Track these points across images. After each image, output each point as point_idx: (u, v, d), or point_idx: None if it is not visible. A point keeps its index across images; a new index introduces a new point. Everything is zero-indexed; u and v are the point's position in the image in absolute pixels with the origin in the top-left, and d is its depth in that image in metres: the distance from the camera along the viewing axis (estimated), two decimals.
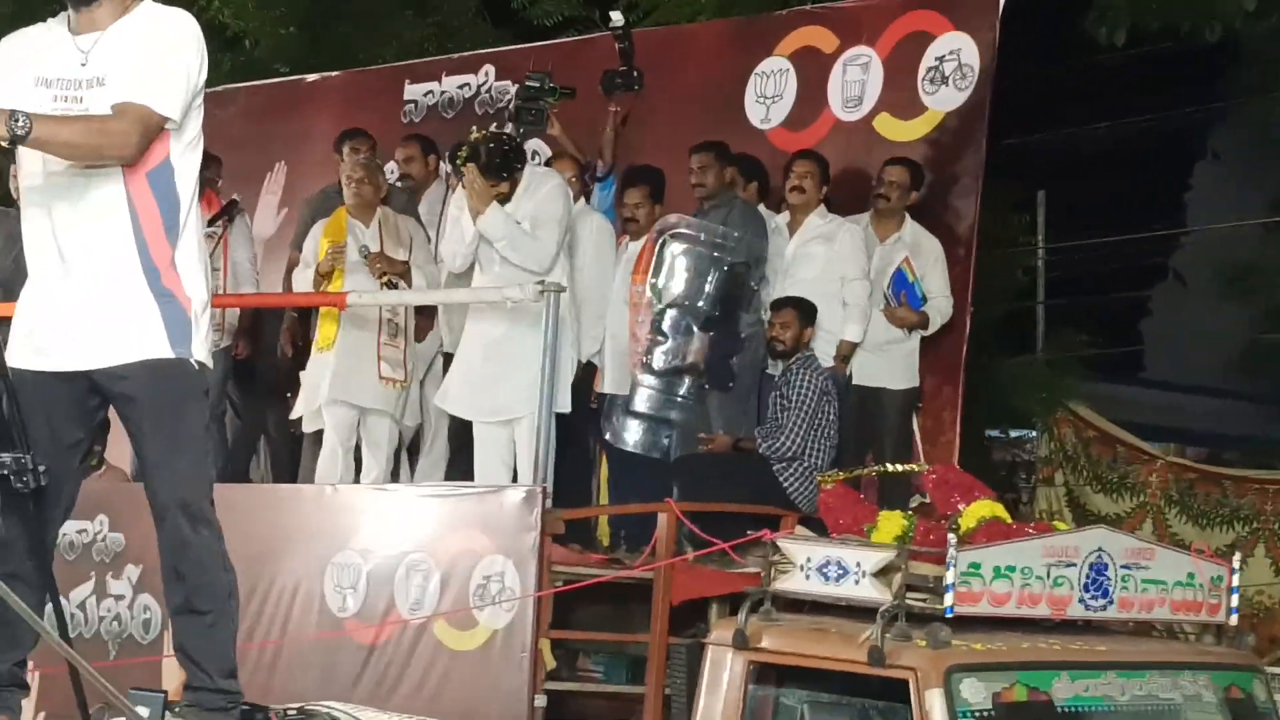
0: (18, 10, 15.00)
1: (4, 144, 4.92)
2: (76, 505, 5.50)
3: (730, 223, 9.85)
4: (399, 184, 11.19)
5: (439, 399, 9.78)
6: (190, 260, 5.28)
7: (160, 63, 5.15)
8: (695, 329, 9.80)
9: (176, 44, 5.22)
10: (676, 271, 9.82)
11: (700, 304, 9.80)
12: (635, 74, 10.36)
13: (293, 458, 10.97)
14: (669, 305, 9.81)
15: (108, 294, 5.19)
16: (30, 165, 5.25)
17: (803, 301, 9.67)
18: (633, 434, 9.91)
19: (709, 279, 9.81)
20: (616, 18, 10.47)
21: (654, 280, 9.82)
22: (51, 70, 5.24)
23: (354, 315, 9.97)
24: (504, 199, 9.32)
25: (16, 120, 4.86)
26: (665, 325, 9.81)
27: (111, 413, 5.44)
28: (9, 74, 5.28)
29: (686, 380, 9.84)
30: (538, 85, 9.77)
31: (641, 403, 9.86)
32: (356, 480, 10.03)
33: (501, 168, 9.32)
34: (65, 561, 9.14)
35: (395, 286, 10.22)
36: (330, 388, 10.04)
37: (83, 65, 5.21)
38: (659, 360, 9.83)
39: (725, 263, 9.81)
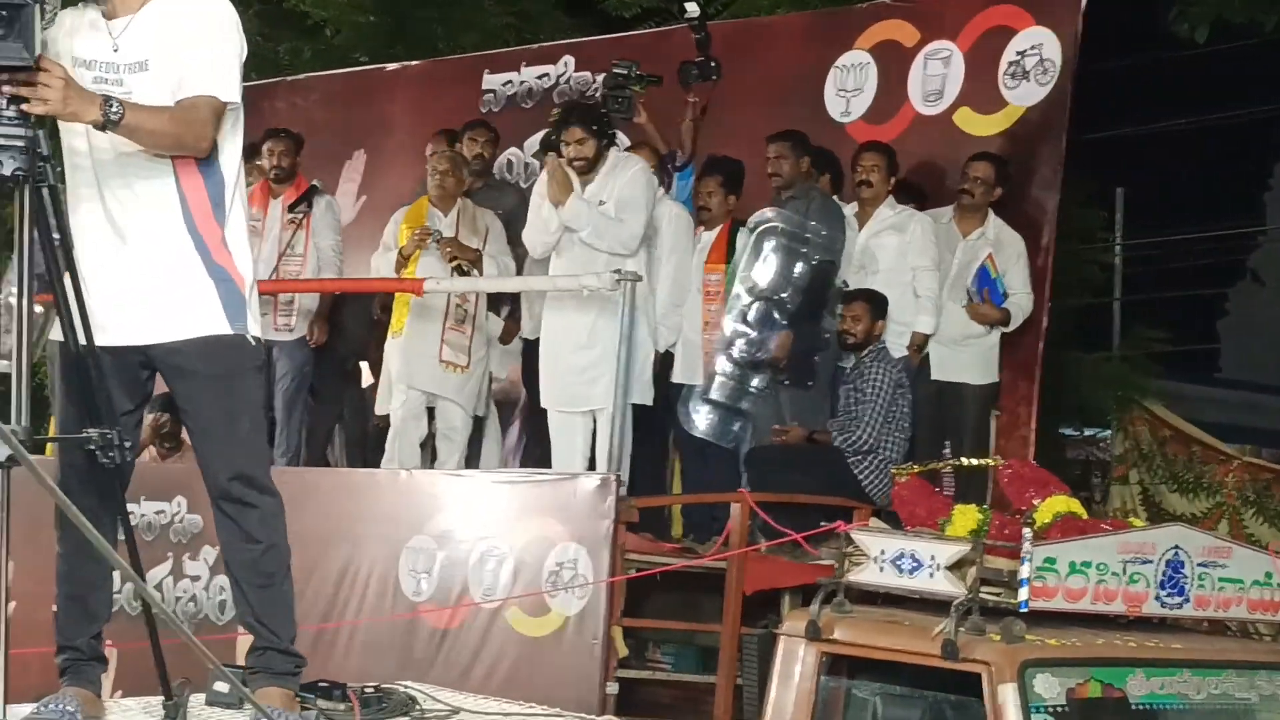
0: None
1: (98, 128, 4.96)
2: (156, 487, 5.56)
3: (811, 215, 9.84)
4: (474, 168, 11.21)
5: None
6: (239, 239, 5.36)
7: (212, 48, 5.21)
8: (781, 324, 9.81)
9: (221, 26, 5.26)
10: (767, 265, 9.85)
11: (787, 300, 9.82)
12: (712, 64, 10.35)
13: (365, 442, 11.06)
14: (757, 298, 9.83)
15: (162, 272, 5.25)
16: (77, 144, 5.26)
17: (874, 294, 9.66)
18: (704, 420, 9.93)
19: (798, 275, 9.85)
20: (692, 9, 10.46)
21: (744, 273, 9.84)
22: (87, 52, 5.26)
23: (422, 301, 10.04)
24: (586, 178, 9.36)
25: (111, 105, 4.91)
26: (751, 317, 9.84)
27: None
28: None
29: (765, 373, 9.84)
30: (625, 73, 9.78)
31: (716, 391, 9.88)
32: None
33: (600, 130, 9.42)
34: (143, 541, 9.18)
35: (466, 273, 10.28)
36: (397, 372, 10.18)
37: (114, 50, 5.24)
38: (739, 350, 9.85)
39: (813, 259, 9.83)
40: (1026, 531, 6.75)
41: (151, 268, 5.26)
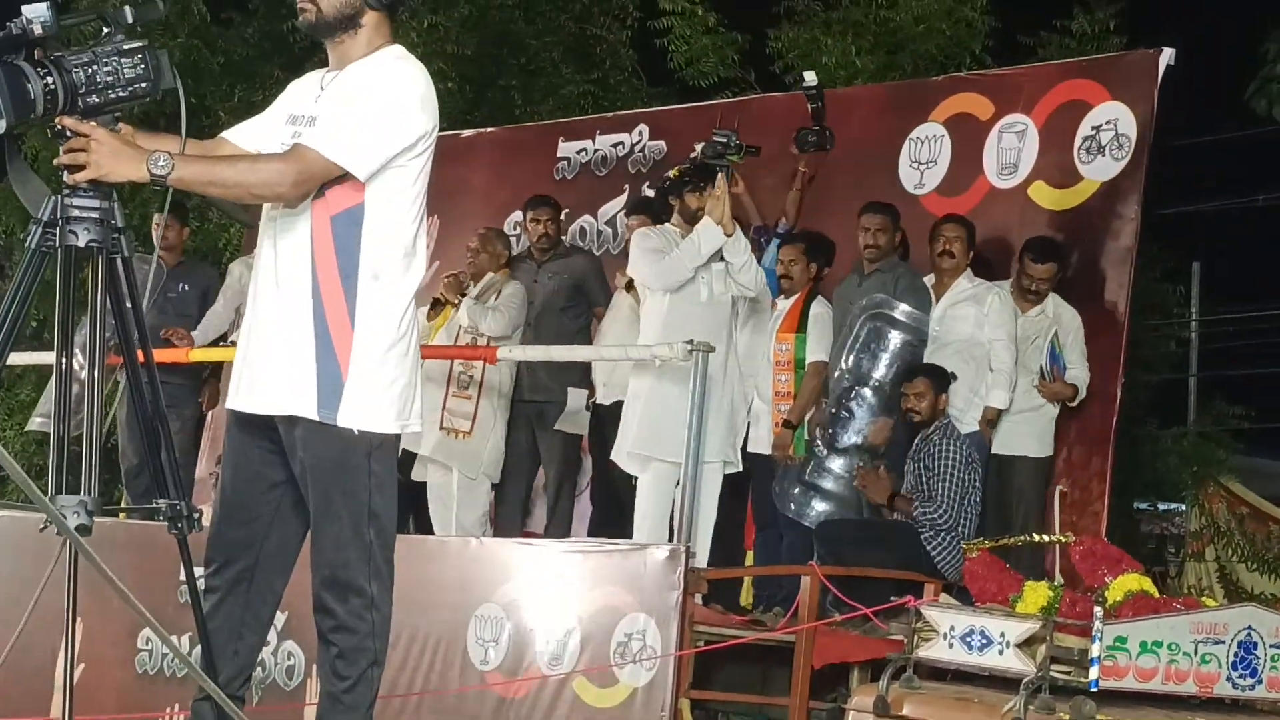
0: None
1: (149, 184, 4.94)
2: None
3: (900, 293, 9.85)
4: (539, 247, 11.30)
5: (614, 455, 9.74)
6: (373, 317, 5.19)
7: (356, 111, 5.12)
8: (878, 409, 9.82)
9: (384, 95, 5.16)
10: (873, 351, 9.86)
11: (884, 383, 9.82)
12: (828, 133, 10.35)
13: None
14: (855, 382, 9.83)
15: (279, 339, 5.20)
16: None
17: (934, 369, 9.62)
18: (815, 510, 9.89)
19: (891, 357, 9.87)
20: (810, 78, 10.46)
21: (844, 355, 9.85)
22: (297, 106, 5.31)
23: (428, 369, 10.11)
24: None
25: (157, 161, 4.86)
26: (850, 402, 9.84)
27: None
28: (279, 110, 5.40)
29: (864, 458, 9.83)
30: (725, 141, 9.81)
31: (827, 480, 9.87)
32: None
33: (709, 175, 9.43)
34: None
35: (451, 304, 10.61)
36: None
37: (315, 100, 5.26)
38: (843, 439, 9.85)
39: (904, 340, 9.85)
40: (1098, 610, 6.72)
41: (272, 332, 5.24)
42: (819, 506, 9.91)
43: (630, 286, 10.31)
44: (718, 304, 9.39)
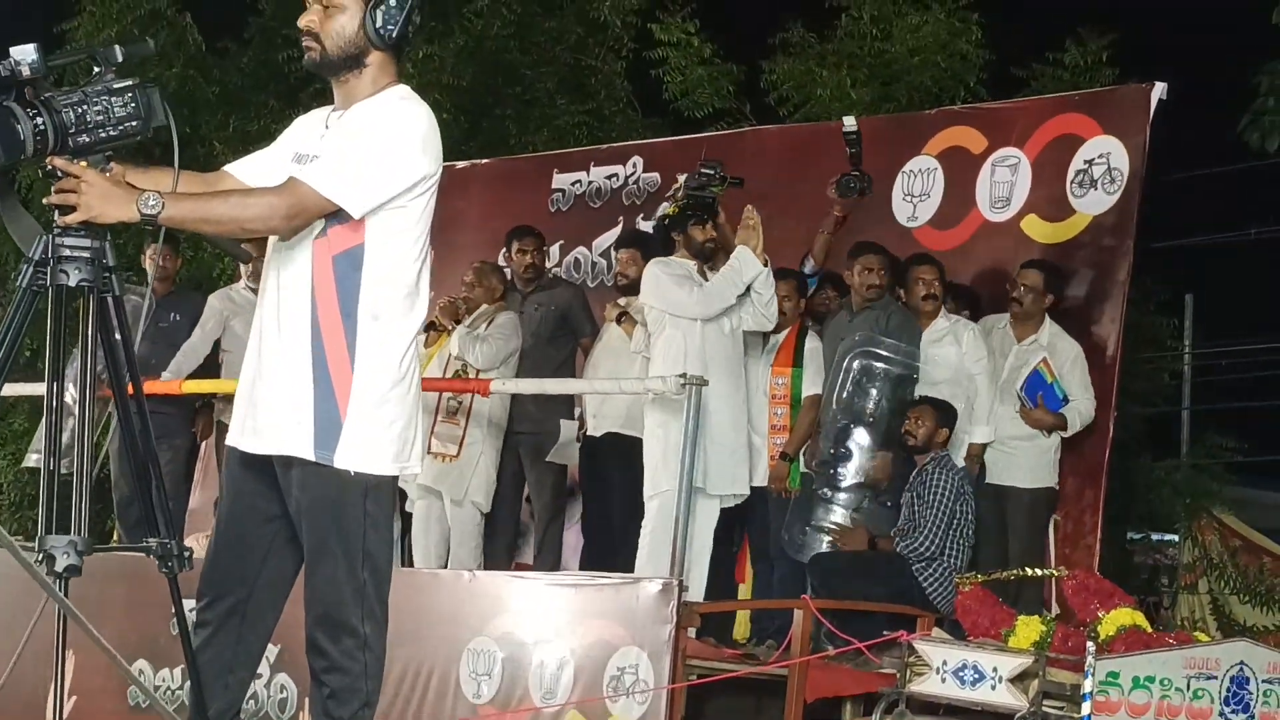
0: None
1: (140, 224, 4.90)
2: None
3: (891, 329, 9.83)
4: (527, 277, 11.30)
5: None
6: (373, 358, 5.15)
7: (355, 148, 5.09)
8: (876, 444, 9.81)
9: (385, 134, 5.12)
10: (858, 387, 9.85)
11: (880, 420, 9.81)
12: (867, 179, 10.32)
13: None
14: (850, 420, 9.83)
15: (279, 378, 5.17)
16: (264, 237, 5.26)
17: (941, 403, 9.63)
18: (820, 547, 9.87)
19: (885, 393, 9.85)
20: (850, 123, 10.37)
21: (841, 393, 9.85)
22: (302, 144, 5.28)
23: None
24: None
25: (147, 201, 4.82)
26: (848, 440, 9.84)
27: None
28: (285, 147, 5.38)
29: (865, 494, 9.83)
30: (711, 173, 9.79)
31: (833, 519, 9.84)
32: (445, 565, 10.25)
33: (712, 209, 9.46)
34: None
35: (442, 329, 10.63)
36: None
37: (320, 138, 5.24)
38: (846, 478, 9.85)
39: (896, 375, 9.84)
40: (1090, 645, 6.72)
41: (271, 371, 5.22)
42: (818, 541, 9.88)
43: (621, 319, 10.31)
44: (737, 337, 9.43)
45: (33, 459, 12.23)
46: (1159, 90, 10.01)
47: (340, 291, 5.11)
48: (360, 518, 5.17)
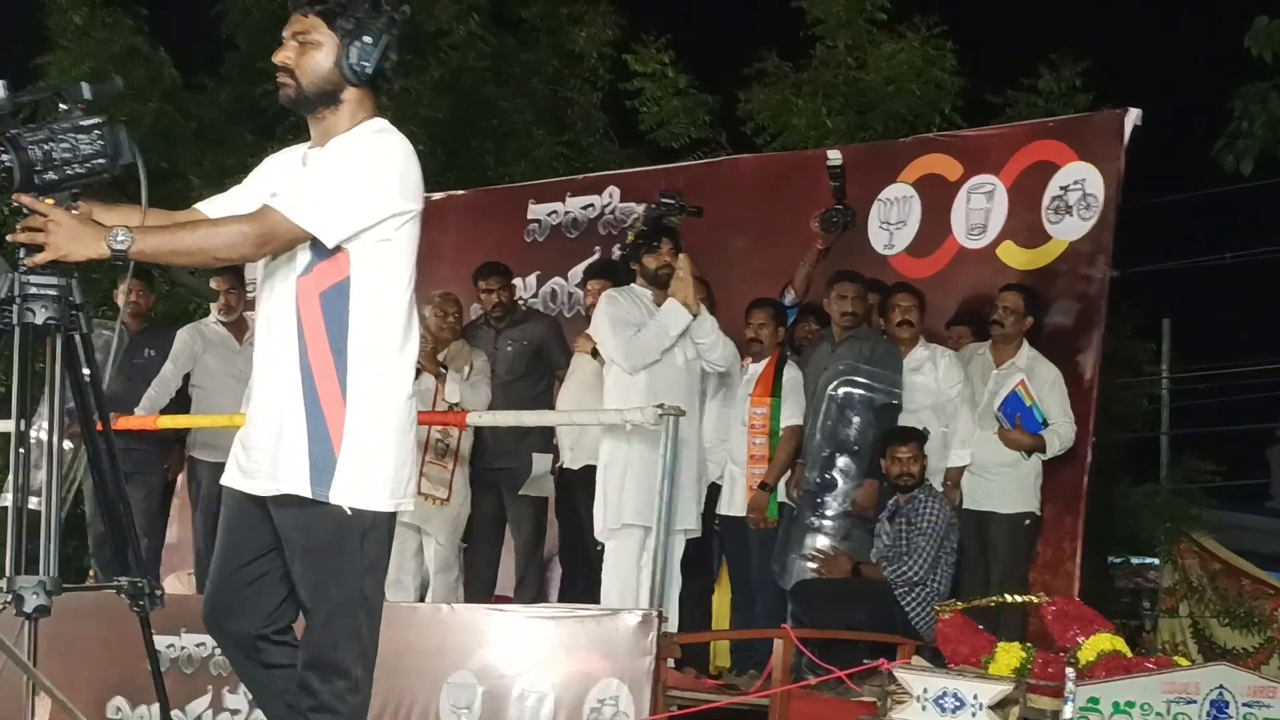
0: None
1: (109, 260, 4.82)
2: (197, 620, 5.42)
3: (874, 358, 9.83)
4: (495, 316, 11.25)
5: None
6: (366, 391, 5.08)
7: (330, 178, 5.04)
8: (861, 472, 9.81)
9: (359, 165, 5.06)
10: (848, 417, 9.84)
11: (867, 450, 9.81)
12: (851, 213, 10.30)
13: None
14: (835, 450, 9.82)
15: (270, 418, 5.11)
16: (256, 275, 5.24)
17: (919, 432, 9.66)
18: (805, 575, 9.84)
19: (869, 423, 9.86)
20: (835, 157, 10.35)
21: (825, 422, 9.84)
22: (279, 182, 5.20)
23: None
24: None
25: (116, 237, 4.75)
26: (833, 470, 9.82)
27: None
28: (259, 183, 5.31)
29: (852, 522, 9.82)
30: (671, 202, 9.76)
31: (815, 545, 9.82)
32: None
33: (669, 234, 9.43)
34: (184, 675, 9.20)
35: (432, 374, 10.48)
36: None
37: (300, 175, 5.17)
38: (832, 506, 9.84)
39: (879, 404, 9.83)
40: (1070, 671, 6.70)
41: (264, 411, 5.16)
42: (804, 569, 9.86)
43: (596, 353, 10.28)
44: (691, 370, 9.34)
45: (6, 498, 12.15)
46: (1134, 116, 10.02)
47: (329, 328, 5.05)
48: (358, 560, 5.11)
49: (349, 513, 5.04)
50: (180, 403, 11.47)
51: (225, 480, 5.29)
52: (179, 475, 12.04)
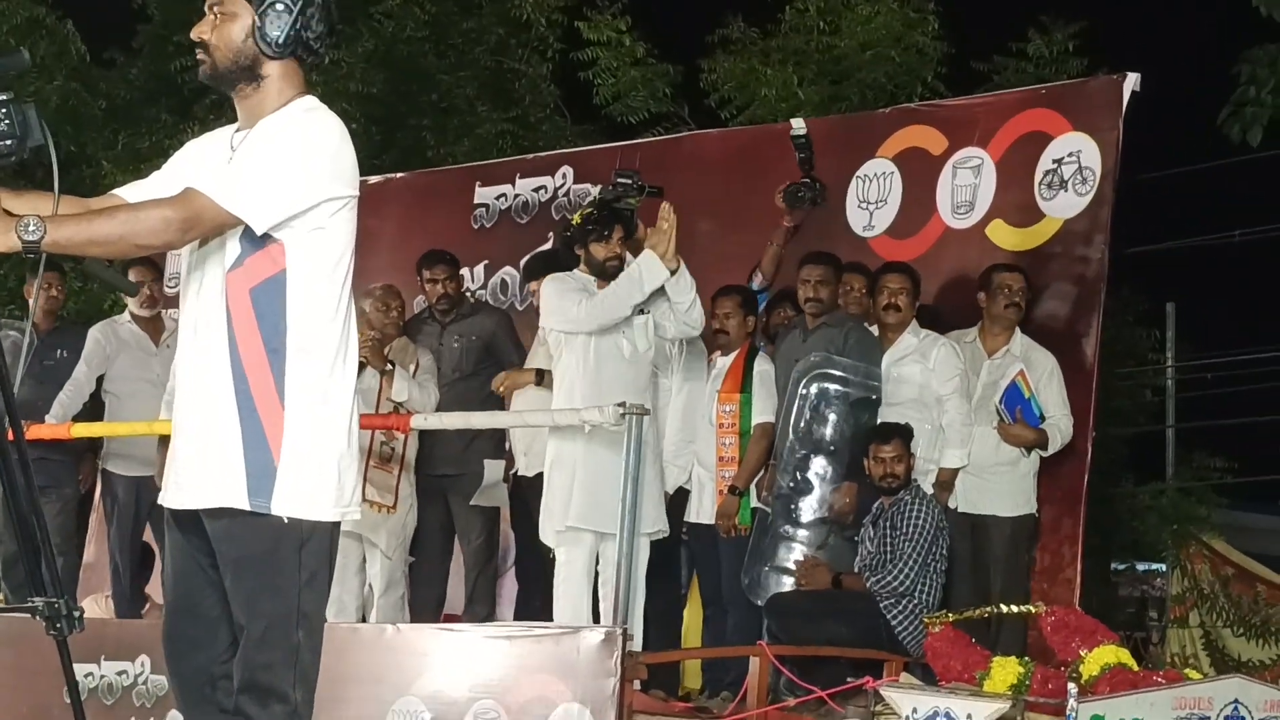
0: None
1: (20, 253, 4.80)
2: (118, 646, 5.46)
3: (849, 350, 9.83)
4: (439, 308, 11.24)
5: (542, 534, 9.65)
6: (305, 393, 5.09)
7: (258, 160, 5.05)
8: (838, 474, 9.83)
9: (289, 145, 5.08)
10: (817, 414, 9.86)
11: (845, 449, 9.82)
12: (819, 187, 10.33)
13: None
14: (809, 450, 9.83)
15: (201, 426, 5.11)
16: (179, 271, 5.25)
17: (905, 428, 9.61)
18: (780, 589, 9.86)
19: (846, 420, 9.87)
20: (798, 126, 10.38)
21: (798, 420, 9.85)
22: (203, 168, 5.19)
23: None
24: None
25: (26, 227, 4.74)
26: (808, 472, 9.84)
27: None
28: (184, 168, 5.30)
29: (828, 528, 9.84)
30: (629, 182, 9.79)
31: (790, 557, 9.83)
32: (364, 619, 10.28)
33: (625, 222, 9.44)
34: (104, 705, 9.19)
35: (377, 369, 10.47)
36: None
37: (228, 162, 5.16)
38: (807, 513, 9.86)
39: (856, 399, 9.84)
40: (1072, 686, 6.74)
41: (192, 419, 5.16)
42: (788, 586, 9.86)
43: (542, 379, 10.23)
44: (640, 362, 9.31)
45: None
46: (1132, 81, 10.03)
47: (262, 326, 5.06)
48: (295, 573, 5.11)
49: (287, 522, 5.05)
50: (93, 409, 11.45)
51: (162, 500, 5.29)
52: (85, 489, 12.03)
